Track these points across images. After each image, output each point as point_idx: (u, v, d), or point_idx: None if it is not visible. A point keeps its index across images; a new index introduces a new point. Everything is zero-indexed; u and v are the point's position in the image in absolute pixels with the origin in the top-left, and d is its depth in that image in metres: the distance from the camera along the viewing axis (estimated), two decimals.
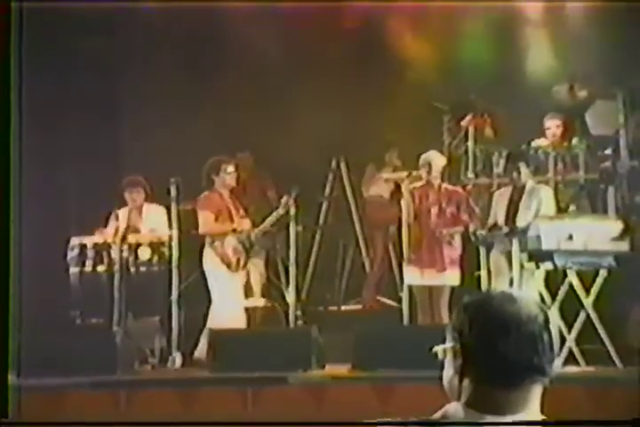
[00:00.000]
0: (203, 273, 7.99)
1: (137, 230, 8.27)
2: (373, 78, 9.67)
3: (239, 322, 7.89)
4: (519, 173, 7.77)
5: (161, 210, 8.20)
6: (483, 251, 7.70)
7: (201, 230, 8.00)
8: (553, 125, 8.93)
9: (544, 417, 1.91)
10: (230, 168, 8.04)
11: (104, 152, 9.93)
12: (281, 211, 7.95)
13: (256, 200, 9.47)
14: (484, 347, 1.88)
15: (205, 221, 7.96)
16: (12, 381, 6.99)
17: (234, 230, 7.96)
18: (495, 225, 7.67)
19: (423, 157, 8.07)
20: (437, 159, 8.06)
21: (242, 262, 7.94)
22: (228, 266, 7.88)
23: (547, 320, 1.91)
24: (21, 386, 6.97)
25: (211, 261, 7.93)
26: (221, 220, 7.98)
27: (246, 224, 8.04)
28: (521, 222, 7.57)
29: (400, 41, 9.80)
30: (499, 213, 7.78)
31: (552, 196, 7.84)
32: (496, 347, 1.87)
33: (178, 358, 7.77)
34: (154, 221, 8.24)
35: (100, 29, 9.67)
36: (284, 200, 8.02)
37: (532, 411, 1.89)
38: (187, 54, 10.07)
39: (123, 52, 10.10)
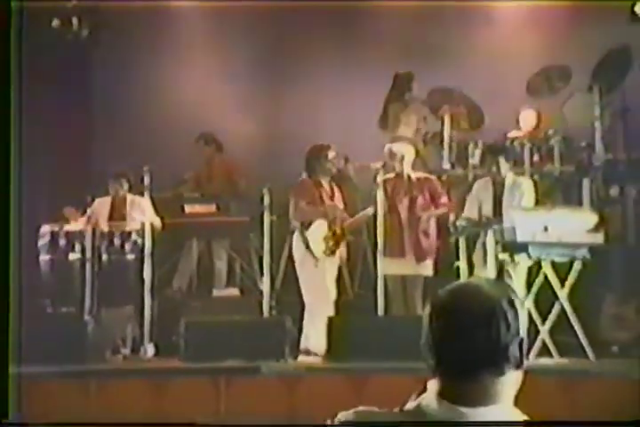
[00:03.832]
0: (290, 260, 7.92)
1: (119, 219, 8.22)
2: (352, 65, 9.67)
3: (329, 309, 7.67)
4: (498, 166, 7.74)
5: (146, 202, 8.12)
6: (462, 242, 7.66)
7: (292, 217, 7.81)
8: (527, 117, 8.94)
9: (517, 409, 1.90)
10: (332, 154, 7.86)
11: (77, 139, 9.88)
12: (371, 210, 7.77)
13: (223, 186, 9.35)
14: (440, 339, 1.88)
15: (296, 207, 7.77)
16: None
17: (325, 216, 7.77)
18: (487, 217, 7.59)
19: (388, 146, 8.05)
20: (405, 149, 8.02)
21: (331, 249, 7.75)
22: (319, 252, 7.69)
23: (511, 310, 1.86)
24: None
25: (299, 249, 7.75)
26: (313, 206, 7.78)
27: (337, 211, 7.86)
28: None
29: (380, 26, 9.79)
30: (484, 205, 7.72)
31: (532, 188, 7.81)
32: (448, 340, 1.87)
33: (150, 349, 7.71)
34: (141, 212, 8.15)
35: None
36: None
37: (505, 403, 1.87)
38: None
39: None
